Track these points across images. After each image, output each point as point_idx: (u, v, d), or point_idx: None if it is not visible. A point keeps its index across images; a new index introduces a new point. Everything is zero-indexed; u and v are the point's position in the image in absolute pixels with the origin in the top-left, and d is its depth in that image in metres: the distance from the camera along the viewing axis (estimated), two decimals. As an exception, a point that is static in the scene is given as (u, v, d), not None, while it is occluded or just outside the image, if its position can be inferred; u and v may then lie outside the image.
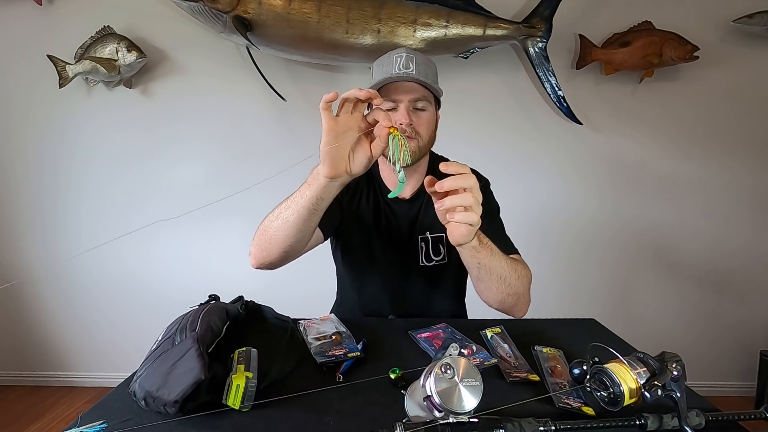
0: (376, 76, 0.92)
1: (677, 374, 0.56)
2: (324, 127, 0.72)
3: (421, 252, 1.04)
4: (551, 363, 0.75)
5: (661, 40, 1.74)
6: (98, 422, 0.58)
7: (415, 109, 0.92)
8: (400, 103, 0.90)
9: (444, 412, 0.49)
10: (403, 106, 0.90)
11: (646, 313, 2.08)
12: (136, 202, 2.00)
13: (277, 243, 0.84)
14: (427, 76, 0.90)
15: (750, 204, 1.97)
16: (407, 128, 0.90)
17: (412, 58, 0.90)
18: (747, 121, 1.91)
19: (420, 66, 0.89)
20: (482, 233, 0.78)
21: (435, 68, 0.95)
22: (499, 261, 0.81)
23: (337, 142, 0.72)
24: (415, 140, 0.91)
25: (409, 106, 0.90)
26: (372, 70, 0.96)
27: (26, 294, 2.10)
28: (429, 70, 0.92)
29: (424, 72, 0.90)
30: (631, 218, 2.00)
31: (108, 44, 1.77)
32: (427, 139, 0.95)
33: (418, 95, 0.91)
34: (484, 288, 0.85)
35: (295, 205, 0.80)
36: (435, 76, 0.95)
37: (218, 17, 1.63)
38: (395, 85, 0.90)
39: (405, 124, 0.89)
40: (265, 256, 0.88)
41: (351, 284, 1.12)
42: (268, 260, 0.89)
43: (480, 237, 0.77)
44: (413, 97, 0.90)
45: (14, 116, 1.94)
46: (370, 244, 1.05)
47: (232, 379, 0.61)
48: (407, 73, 0.88)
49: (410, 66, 0.89)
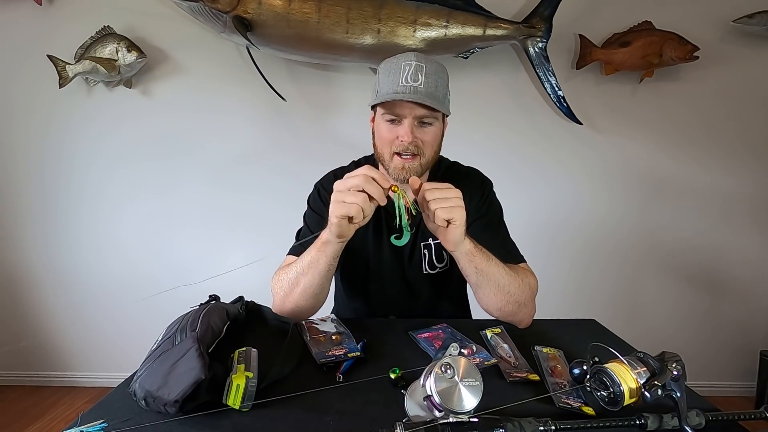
0: (382, 85, 0.88)
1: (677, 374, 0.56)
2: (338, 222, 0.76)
3: (425, 259, 1.02)
4: (551, 363, 0.75)
5: (661, 40, 1.74)
6: (98, 422, 0.58)
7: (420, 124, 0.88)
8: (404, 119, 0.86)
9: (444, 412, 0.49)
10: (407, 122, 0.86)
11: (646, 313, 2.08)
12: (136, 201, 2.00)
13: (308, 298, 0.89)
14: (437, 89, 0.86)
15: (750, 203, 1.97)
16: (410, 146, 0.86)
17: (421, 68, 0.84)
18: (747, 122, 1.91)
19: (430, 78, 0.84)
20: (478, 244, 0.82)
21: (446, 76, 0.90)
22: (496, 267, 0.82)
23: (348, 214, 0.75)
24: (417, 158, 0.88)
25: (413, 122, 0.86)
26: (378, 74, 0.91)
27: (26, 294, 2.10)
28: (439, 81, 0.87)
29: (434, 84, 0.85)
30: (631, 218, 2.00)
31: (108, 44, 1.77)
32: (431, 156, 0.91)
33: (424, 112, 0.86)
34: (483, 295, 0.85)
35: (312, 273, 0.85)
36: (445, 86, 0.90)
37: (218, 17, 1.63)
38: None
39: (407, 142, 0.86)
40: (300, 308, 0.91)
41: (351, 292, 1.10)
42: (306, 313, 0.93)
43: (474, 243, 0.79)
44: (418, 114, 0.86)
45: (14, 116, 1.94)
46: (372, 253, 1.03)
47: (232, 379, 0.61)
48: (415, 87, 0.83)
49: (419, 78, 0.84)
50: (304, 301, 0.89)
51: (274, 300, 0.92)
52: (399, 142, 0.87)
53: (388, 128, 0.89)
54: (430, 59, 0.88)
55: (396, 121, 0.88)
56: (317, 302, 0.91)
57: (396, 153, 0.88)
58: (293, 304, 0.89)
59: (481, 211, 0.98)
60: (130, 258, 2.04)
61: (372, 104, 0.91)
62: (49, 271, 2.07)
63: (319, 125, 1.92)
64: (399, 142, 0.87)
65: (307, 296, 0.88)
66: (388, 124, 0.89)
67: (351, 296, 1.11)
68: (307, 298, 0.88)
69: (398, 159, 0.88)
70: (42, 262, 2.06)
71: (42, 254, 2.05)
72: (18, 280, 2.08)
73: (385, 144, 0.90)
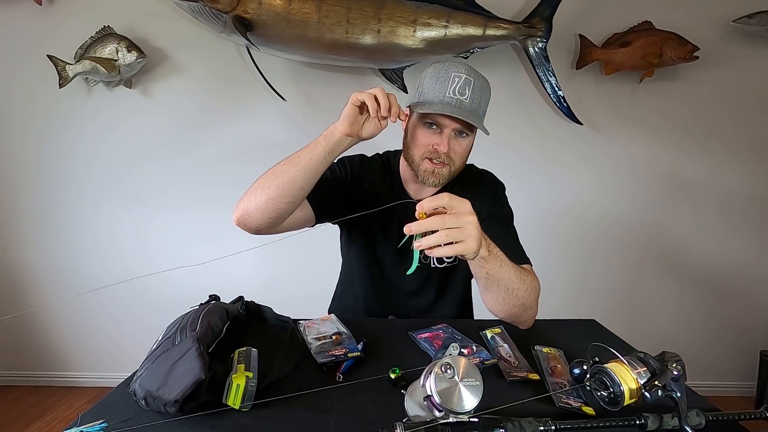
0: (428, 90, 0.88)
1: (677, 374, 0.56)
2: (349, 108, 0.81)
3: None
4: (551, 363, 0.75)
5: (661, 40, 1.74)
6: (98, 422, 0.58)
7: (456, 135, 0.90)
8: (444, 129, 0.89)
9: (444, 412, 0.49)
10: (447, 132, 0.89)
11: (647, 313, 2.08)
12: (136, 201, 2.00)
13: (274, 197, 0.82)
14: (479, 105, 0.88)
15: (751, 203, 1.98)
16: (443, 155, 0.89)
17: (470, 82, 0.86)
18: (746, 122, 1.91)
19: (475, 94, 0.87)
20: (493, 243, 0.77)
21: (489, 93, 0.92)
22: (508, 272, 0.79)
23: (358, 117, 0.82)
24: (447, 167, 0.91)
25: (451, 133, 0.89)
26: (424, 76, 0.91)
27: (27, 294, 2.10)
28: (483, 98, 0.89)
29: (478, 100, 0.88)
30: (631, 218, 2.00)
31: (108, 44, 1.77)
32: (459, 165, 0.94)
33: (463, 126, 0.89)
34: (491, 298, 0.84)
35: (305, 158, 0.83)
36: (487, 104, 0.92)
37: (218, 17, 1.63)
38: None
39: (441, 151, 0.88)
40: (254, 209, 0.83)
41: (358, 279, 1.11)
42: (254, 215, 0.84)
43: (490, 248, 0.75)
44: (458, 127, 0.89)
45: (14, 116, 1.94)
46: (381, 242, 1.04)
47: (232, 378, 0.61)
48: (461, 101, 0.86)
49: (466, 92, 0.86)
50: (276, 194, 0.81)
51: (243, 197, 0.85)
52: (433, 149, 0.90)
53: (425, 133, 0.91)
54: (478, 74, 0.89)
55: (434, 127, 0.90)
56: (285, 205, 0.83)
57: (427, 158, 0.91)
58: (262, 193, 0.82)
59: (492, 211, 0.99)
60: (129, 258, 2.04)
61: (415, 108, 0.91)
62: (49, 270, 2.06)
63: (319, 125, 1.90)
64: (433, 149, 0.90)
65: (284, 187, 0.81)
66: (425, 129, 0.91)
67: (358, 282, 1.11)
68: (281, 193, 0.81)
69: (429, 163, 0.91)
70: (42, 262, 2.06)
71: (42, 254, 2.05)
72: (18, 280, 2.08)
73: (418, 147, 0.92)
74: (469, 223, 0.66)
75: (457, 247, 0.65)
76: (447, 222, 0.64)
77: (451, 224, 0.64)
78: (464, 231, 0.65)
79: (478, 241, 0.68)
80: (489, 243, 0.75)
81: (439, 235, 0.64)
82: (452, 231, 0.64)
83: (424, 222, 0.64)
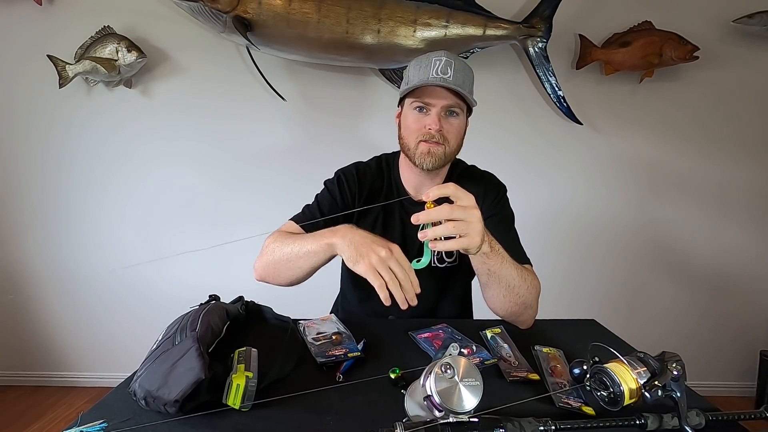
0: (412, 77, 0.92)
1: (677, 374, 0.56)
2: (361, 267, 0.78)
3: (434, 254, 1.03)
4: (551, 363, 0.75)
5: (661, 40, 1.74)
6: (98, 422, 0.58)
7: (446, 114, 0.92)
8: (432, 108, 0.91)
9: (444, 412, 0.49)
10: (435, 111, 0.90)
11: (646, 313, 2.08)
12: (137, 201, 2.00)
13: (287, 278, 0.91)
14: (464, 84, 0.90)
15: (750, 203, 1.98)
16: (436, 134, 0.90)
17: (451, 63, 0.89)
18: (746, 122, 1.91)
19: (458, 73, 0.89)
20: (495, 240, 0.78)
21: (472, 75, 0.95)
22: (509, 269, 0.80)
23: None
24: (442, 146, 0.91)
25: (440, 112, 0.91)
26: (408, 69, 0.96)
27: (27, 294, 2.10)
28: (466, 78, 0.91)
29: (461, 79, 0.90)
30: (631, 218, 2.00)
31: (108, 44, 1.77)
32: (455, 146, 0.95)
33: (452, 102, 0.90)
34: (492, 295, 0.85)
35: (305, 262, 0.85)
36: (471, 84, 0.94)
37: (218, 17, 1.63)
38: (430, 89, 0.90)
39: (434, 130, 0.90)
40: (273, 279, 0.93)
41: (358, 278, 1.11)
42: (275, 283, 0.94)
43: (492, 244, 0.76)
44: (446, 104, 0.90)
45: (15, 116, 1.94)
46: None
47: (232, 378, 0.61)
48: (444, 78, 0.87)
49: (448, 72, 0.88)
50: (282, 278, 0.92)
51: (259, 260, 0.93)
52: (426, 130, 0.91)
53: (415, 117, 0.93)
54: (459, 58, 0.92)
55: (424, 110, 0.92)
56: (291, 283, 0.93)
57: (422, 140, 0.92)
58: (273, 277, 0.92)
59: (493, 211, 1.00)
60: (130, 258, 2.04)
61: (402, 93, 0.95)
62: (50, 270, 2.06)
63: (318, 125, 1.92)
64: (426, 131, 0.91)
65: (287, 277, 0.90)
66: (415, 113, 0.93)
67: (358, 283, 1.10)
68: (286, 278, 0.91)
69: (424, 144, 0.92)
70: (43, 262, 2.06)
71: (43, 254, 2.05)
72: (19, 280, 2.08)
73: (411, 133, 0.93)
74: (473, 217, 0.67)
75: (461, 241, 0.67)
76: (454, 212, 0.65)
77: (458, 215, 0.65)
78: (469, 225, 0.67)
79: (482, 236, 0.69)
80: (491, 239, 0.76)
81: (446, 226, 0.66)
82: (458, 224, 0.66)
83: (431, 211, 0.66)
